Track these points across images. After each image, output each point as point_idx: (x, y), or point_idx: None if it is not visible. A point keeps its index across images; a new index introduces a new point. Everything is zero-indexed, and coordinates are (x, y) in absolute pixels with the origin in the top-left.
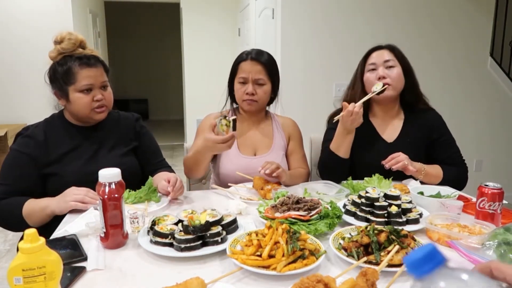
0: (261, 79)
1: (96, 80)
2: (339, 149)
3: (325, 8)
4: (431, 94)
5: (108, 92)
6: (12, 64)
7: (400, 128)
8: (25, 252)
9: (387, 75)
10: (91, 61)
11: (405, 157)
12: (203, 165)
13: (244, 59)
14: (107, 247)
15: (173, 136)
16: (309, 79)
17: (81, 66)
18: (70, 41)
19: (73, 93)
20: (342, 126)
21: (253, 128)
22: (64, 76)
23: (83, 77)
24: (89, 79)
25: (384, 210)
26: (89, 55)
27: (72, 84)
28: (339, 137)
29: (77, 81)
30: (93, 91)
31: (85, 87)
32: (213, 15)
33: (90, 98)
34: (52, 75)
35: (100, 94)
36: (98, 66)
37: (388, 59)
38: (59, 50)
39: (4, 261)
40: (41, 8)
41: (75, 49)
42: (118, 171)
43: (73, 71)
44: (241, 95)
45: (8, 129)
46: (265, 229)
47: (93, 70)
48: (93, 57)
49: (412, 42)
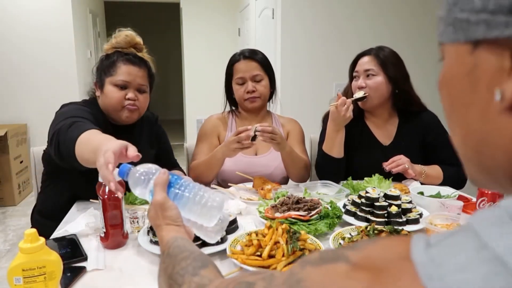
0: (258, 75)
1: (134, 79)
2: (332, 149)
3: (325, 8)
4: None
5: (144, 96)
6: (12, 64)
7: (395, 131)
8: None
9: (366, 85)
10: (136, 60)
11: (406, 161)
12: (217, 170)
13: (237, 60)
14: (107, 247)
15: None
16: (309, 79)
17: (124, 61)
18: (126, 38)
19: (108, 85)
20: (333, 121)
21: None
22: (106, 67)
23: (122, 72)
24: (127, 76)
25: (384, 210)
26: (137, 55)
27: (110, 76)
28: (330, 136)
29: (116, 74)
30: (128, 89)
31: (121, 83)
32: (213, 15)
33: (123, 94)
34: (98, 64)
35: (134, 95)
36: (142, 67)
37: (369, 68)
38: (113, 44)
39: (4, 261)
40: (41, 8)
41: (128, 47)
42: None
43: (116, 64)
44: (242, 94)
45: (8, 129)
46: (265, 229)
47: (134, 69)
48: (140, 58)
49: (412, 42)
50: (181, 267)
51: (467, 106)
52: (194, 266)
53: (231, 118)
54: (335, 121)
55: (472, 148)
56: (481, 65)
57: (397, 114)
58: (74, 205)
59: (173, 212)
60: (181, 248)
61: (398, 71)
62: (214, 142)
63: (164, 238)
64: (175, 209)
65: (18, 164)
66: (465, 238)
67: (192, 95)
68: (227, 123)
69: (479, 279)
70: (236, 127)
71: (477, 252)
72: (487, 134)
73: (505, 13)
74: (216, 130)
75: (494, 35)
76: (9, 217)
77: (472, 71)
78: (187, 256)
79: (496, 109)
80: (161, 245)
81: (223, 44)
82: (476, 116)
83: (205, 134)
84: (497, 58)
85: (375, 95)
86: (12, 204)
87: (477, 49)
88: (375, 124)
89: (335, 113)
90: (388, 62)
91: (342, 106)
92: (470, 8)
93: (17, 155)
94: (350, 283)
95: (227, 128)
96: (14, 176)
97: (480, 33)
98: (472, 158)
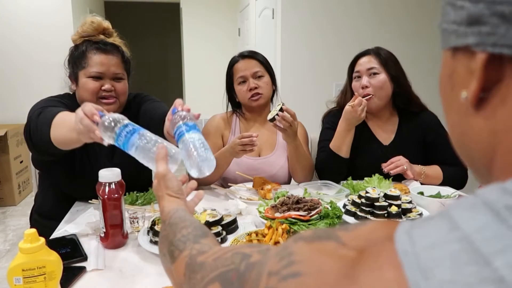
0: (259, 71)
1: (108, 69)
2: (341, 148)
3: (325, 8)
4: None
5: (121, 84)
6: (12, 64)
7: (395, 130)
8: (25, 252)
9: (370, 84)
10: (108, 48)
11: (405, 162)
12: (223, 169)
13: (236, 60)
14: (106, 247)
15: None
16: (309, 79)
17: (95, 51)
18: (92, 24)
19: (82, 78)
20: (346, 120)
21: (257, 129)
22: (77, 59)
23: (95, 63)
24: (100, 67)
25: (384, 210)
26: (108, 42)
27: (83, 68)
28: (341, 135)
29: (88, 65)
30: (103, 79)
31: (95, 74)
32: (213, 15)
33: (98, 86)
34: (69, 57)
35: (110, 85)
36: (115, 54)
37: (372, 67)
38: (79, 33)
39: (4, 261)
40: (41, 8)
41: (96, 34)
42: (118, 171)
43: (87, 55)
44: (245, 93)
45: (8, 129)
46: (265, 229)
47: (107, 58)
48: (112, 45)
49: (412, 42)
50: (183, 234)
51: (450, 105)
52: (195, 234)
53: (234, 119)
54: (348, 121)
55: (457, 143)
56: (457, 68)
57: (397, 114)
58: (74, 205)
59: (174, 184)
60: (182, 218)
61: (398, 69)
62: (218, 142)
63: (165, 209)
64: (176, 180)
65: (18, 164)
66: (440, 221)
67: (192, 95)
68: (231, 124)
69: (448, 255)
70: (240, 128)
71: (449, 232)
72: (464, 130)
73: (465, 25)
74: (220, 130)
75: (460, 43)
76: (9, 217)
77: (452, 74)
78: (188, 225)
79: (465, 108)
80: (162, 215)
81: (223, 44)
82: (455, 113)
83: (209, 134)
84: (467, 62)
85: (380, 94)
86: (12, 204)
87: (455, 54)
88: (376, 124)
89: (351, 112)
90: (389, 60)
91: (358, 106)
92: (447, 20)
93: (17, 155)
94: (335, 260)
95: (231, 129)
96: (14, 176)
97: (453, 41)
98: (461, 153)
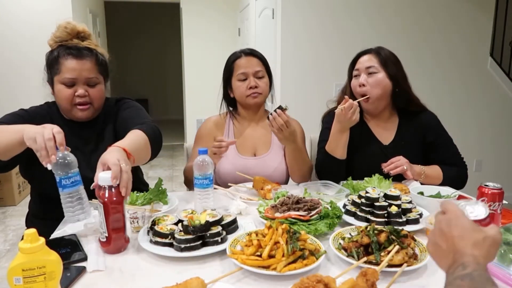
0: (260, 71)
1: (79, 74)
2: (335, 150)
3: (325, 8)
4: (431, 94)
5: (96, 89)
6: (12, 64)
7: (395, 130)
8: (25, 252)
9: (367, 83)
10: (80, 53)
11: (405, 162)
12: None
13: (239, 56)
14: (107, 252)
15: (173, 136)
16: (309, 79)
17: (67, 56)
18: (66, 29)
19: (57, 84)
20: (338, 123)
21: (252, 128)
22: (51, 64)
23: (66, 69)
24: (72, 72)
25: (384, 210)
26: (81, 46)
27: (56, 74)
28: (334, 137)
29: (60, 72)
30: (77, 85)
31: (67, 80)
32: (213, 15)
33: (72, 92)
34: (46, 62)
35: (83, 90)
36: (88, 59)
37: (371, 65)
38: (53, 38)
39: (4, 261)
40: (41, 8)
41: (70, 39)
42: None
43: (59, 61)
44: (244, 90)
45: None
46: (265, 229)
47: (79, 63)
48: (85, 49)
49: (412, 42)
50: None
51: None
52: None
53: (228, 120)
54: (341, 123)
55: None
56: None
57: (397, 114)
58: None
59: None
60: None
61: (398, 69)
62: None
63: None
64: None
65: None
66: None
67: (192, 95)
68: (225, 125)
69: None
70: (233, 129)
71: None
72: None
73: None
74: (212, 133)
75: None
76: (9, 217)
77: None
78: None
79: None
80: None
81: (223, 44)
82: None
83: (201, 138)
84: None
85: (376, 92)
86: (12, 204)
87: None
88: (375, 124)
89: (342, 115)
90: (389, 60)
91: (349, 109)
92: None
93: None
94: None
95: (224, 130)
96: (14, 176)
97: None
98: None
